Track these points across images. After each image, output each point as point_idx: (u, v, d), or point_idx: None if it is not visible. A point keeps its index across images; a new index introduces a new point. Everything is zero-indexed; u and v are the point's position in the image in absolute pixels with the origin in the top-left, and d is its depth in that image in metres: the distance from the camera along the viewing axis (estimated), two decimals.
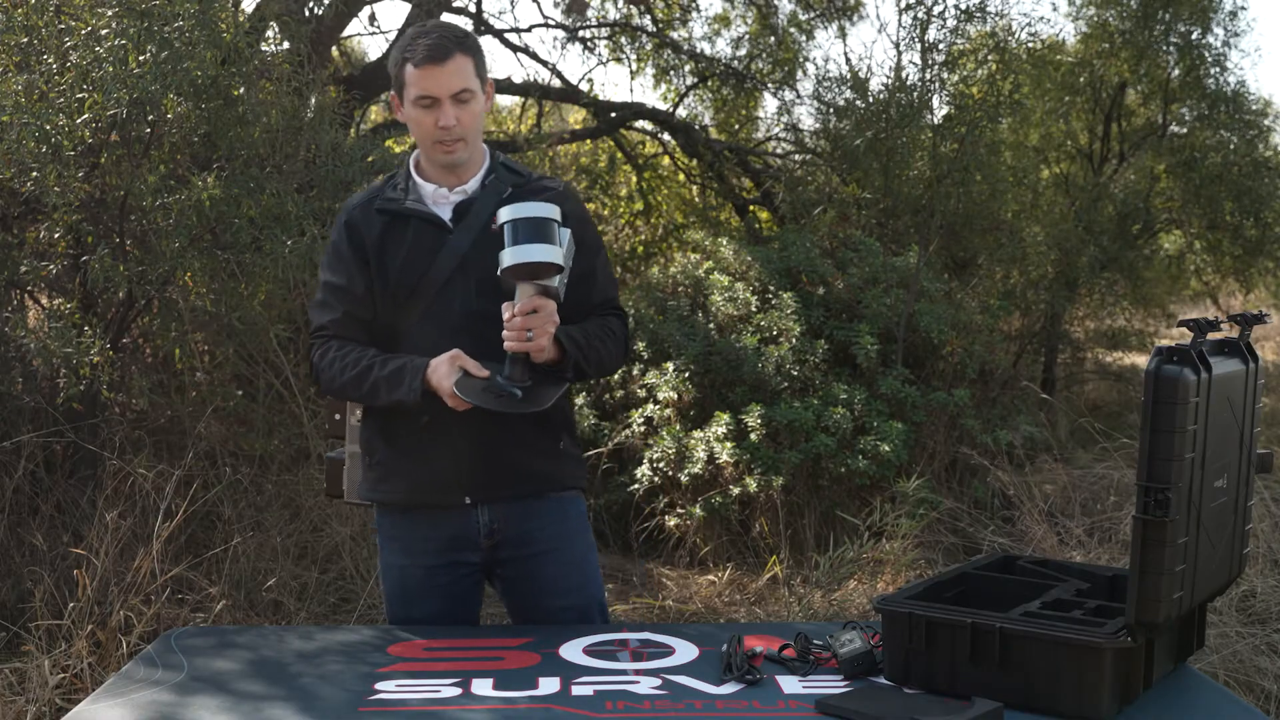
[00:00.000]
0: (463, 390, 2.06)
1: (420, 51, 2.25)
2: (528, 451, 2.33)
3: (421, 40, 2.27)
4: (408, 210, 2.34)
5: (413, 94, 2.27)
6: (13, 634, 3.84)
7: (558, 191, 2.39)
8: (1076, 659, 1.79)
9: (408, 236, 2.33)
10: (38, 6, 4.13)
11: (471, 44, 2.30)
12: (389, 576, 2.43)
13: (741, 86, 9.87)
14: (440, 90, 2.25)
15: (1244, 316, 1.95)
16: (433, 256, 2.31)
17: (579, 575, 2.42)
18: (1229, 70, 8.98)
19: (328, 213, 5.03)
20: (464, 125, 2.28)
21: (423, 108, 2.27)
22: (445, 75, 2.24)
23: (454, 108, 2.26)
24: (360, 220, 2.37)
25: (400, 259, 2.32)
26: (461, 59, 2.26)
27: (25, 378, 4.54)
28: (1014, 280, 8.25)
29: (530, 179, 2.41)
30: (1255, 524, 4.66)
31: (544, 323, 2.15)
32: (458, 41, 2.27)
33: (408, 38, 2.31)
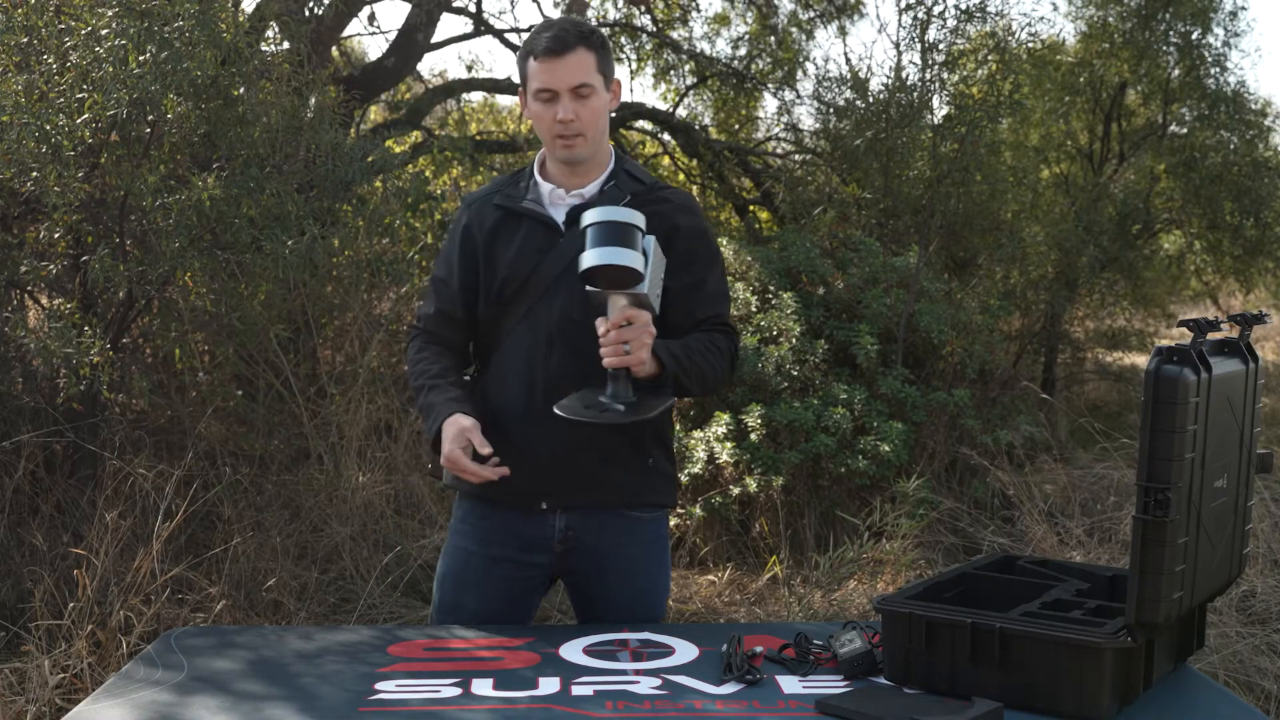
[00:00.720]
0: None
1: (542, 44, 2.22)
2: (611, 464, 2.29)
3: (544, 33, 2.24)
4: (523, 209, 2.31)
5: (533, 87, 2.24)
6: (13, 634, 3.84)
7: (674, 204, 2.34)
8: (1076, 659, 1.79)
9: (519, 235, 2.30)
10: (38, 6, 4.13)
11: (596, 39, 2.26)
12: (452, 558, 2.40)
13: (741, 86, 9.87)
14: (559, 83, 2.21)
15: (1244, 316, 1.95)
16: (540, 258, 2.28)
17: (646, 601, 2.40)
18: (1229, 70, 8.98)
19: (327, 213, 5.04)
20: (583, 120, 2.24)
21: (543, 101, 2.24)
22: (565, 68, 2.20)
23: (573, 101, 2.22)
24: (476, 214, 2.35)
25: (509, 257, 2.30)
26: (583, 52, 2.22)
27: (25, 378, 4.54)
28: (1014, 280, 8.25)
29: (652, 187, 2.35)
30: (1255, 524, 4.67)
31: (639, 334, 2.09)
32: (580, 35, 2.23)
33: (532, 32, 2.29)
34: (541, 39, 2.23)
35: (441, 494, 5.14)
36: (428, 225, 6.48)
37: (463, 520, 2.43)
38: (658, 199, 2.33)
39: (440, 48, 9.59)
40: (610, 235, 2.01)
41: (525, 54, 2.27)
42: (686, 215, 2.34)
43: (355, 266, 5.39)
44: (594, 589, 2.39)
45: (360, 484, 4.86)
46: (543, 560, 2.34)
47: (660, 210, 2.30)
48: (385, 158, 5.59)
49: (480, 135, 9.39)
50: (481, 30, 8.94)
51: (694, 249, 2.32)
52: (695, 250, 2.32)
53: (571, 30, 2.24)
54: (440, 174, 7.43)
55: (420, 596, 4.57)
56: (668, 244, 2.26)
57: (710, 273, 2.36)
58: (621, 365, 2.08)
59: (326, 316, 5.57)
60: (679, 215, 2.32)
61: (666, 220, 2.29)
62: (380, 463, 5.04)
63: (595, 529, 2.33)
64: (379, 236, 5.65)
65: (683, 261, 2.29)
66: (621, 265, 1.99)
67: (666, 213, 2.31)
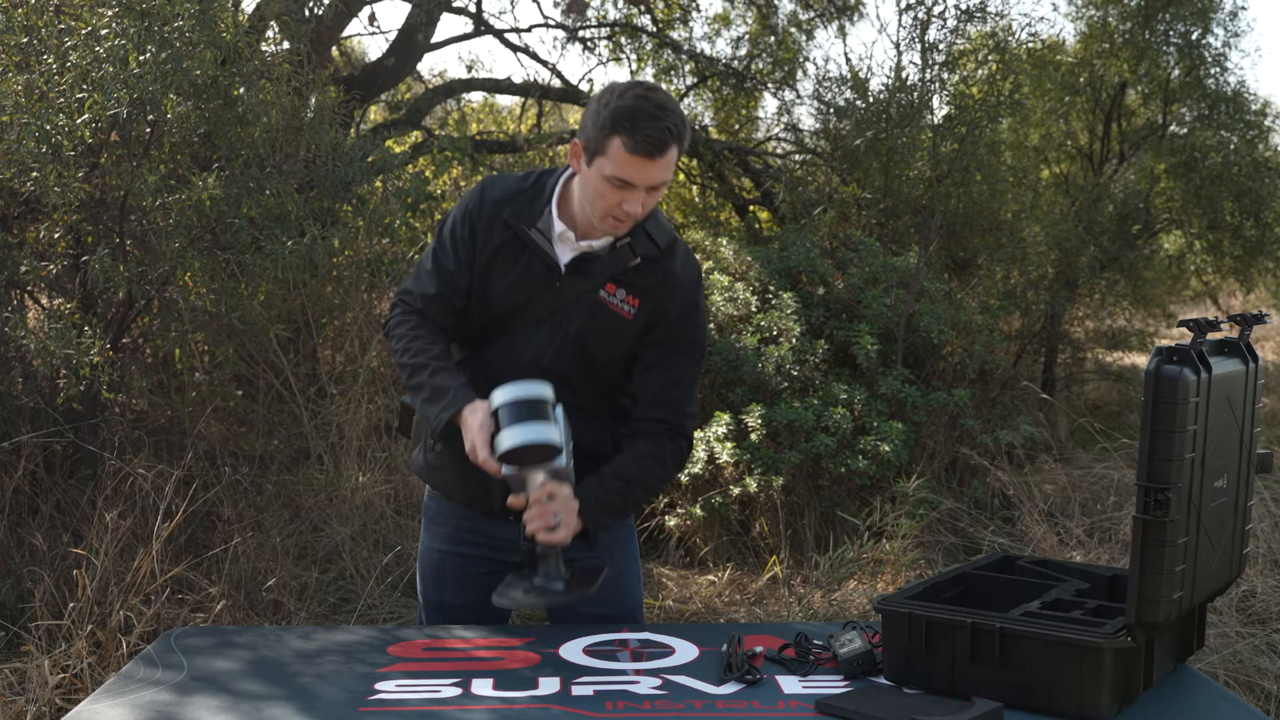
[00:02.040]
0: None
1: (639, 138, 2.03)
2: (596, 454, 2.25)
3: (645, 124, 2.03)
4: (529, 238, 2.20)
5: (609, 171, 2.07)
6: (13, 634, 3.84)
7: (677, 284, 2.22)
8: (1076, 659, 1.79)
9: (518, 265, 2.21)
10: (38, 6, 4.13)
11: (685, 131, 2.10)
12: (426, 559, 2.41)
13: (741, 86, 9.87)
14: (643, 180, 2.07)
15: (1244, 316, 1.95)
16: (533, 297, 2.21)
17: (619, 585, 2.37)
18: (1229, 70, 8.98)
19: (327, 213, 5.04)
20: (647, 210, 2.13)
21: (614, 186, 2.08)
22: (655, 168, 2.06)
23: (646, 196, 2.10)
24: (488, 218, 2.23)
25: (501, 287, 2.22)
26: (674, 151, 2.07)
27: (25, 378, 4.54)
28: (1014, 280, 8.25)
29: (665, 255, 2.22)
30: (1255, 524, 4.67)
31: (564, 509, 2.04)
32: (676, 132, 2.06)
33: (625, 106, 2.06)
34: (640, 130, 2.04)
35: None
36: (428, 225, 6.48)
37: (433, 521, 2.42)
38: (664, 272, 2.22)
39: (440, 48, 9.59)
40: (524, 413, 1.96)
41: (610, 128, 2.06)
42: (688, 298, 2.25)
43: (355, 266, 5.39)
44: None
45: (360, 484, 4.86)
46: (515, 558, 2.31)
47: (661, 287, 2.22)
48: (385, 158, 5.59)
49: (480, 135, 9.39)
50: (481, 30, 8.94)
51: (679, 334, 2.24)
52: (679, 334, 2.24)
53: (671, 126, 2.06)
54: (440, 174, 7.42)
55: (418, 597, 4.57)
56: (651, 323, 2.21)
57: (684, 361, 2.26)
58: (552, 543, 2.02)
59: (326, 316, 5.57)
60: (681, 297, 2.23)
61: (664, 300, 2.22)
62: (380, 463, 5.04)
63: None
64: (379, 236, 5.65)
65: (658, 341, 2.23)
66: (540, 443, 1.95)
67: (668, 293, 2.22)
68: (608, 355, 2.24)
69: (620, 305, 2.21)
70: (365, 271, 5.41)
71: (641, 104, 2.05)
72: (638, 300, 2.21)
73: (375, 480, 4.92)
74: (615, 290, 2.21)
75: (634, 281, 2.21)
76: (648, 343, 2.24)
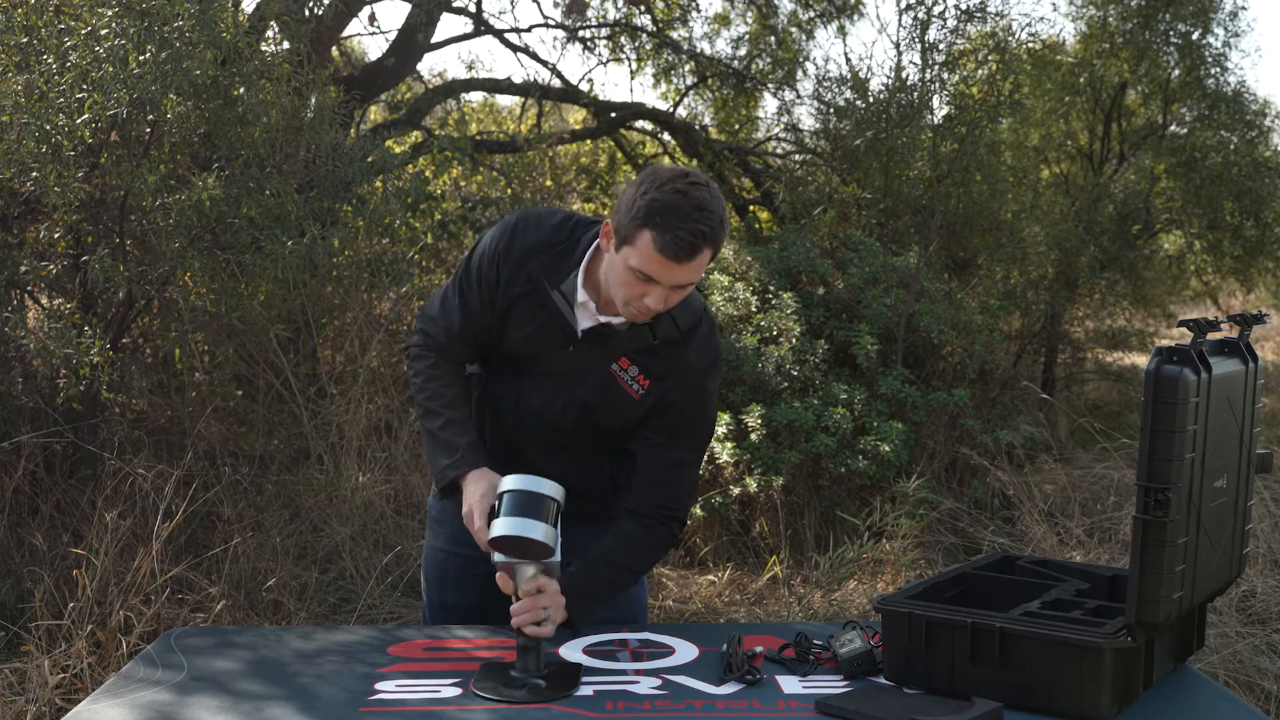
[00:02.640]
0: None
1: (669, 239, 1.95)
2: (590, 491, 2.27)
3: (680, 225, 1.95)
4: (550, 299, 2.16)
5: (634, 262, 1.99)
6: (13, 634, 3.84)
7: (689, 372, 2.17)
8: (1076, 659, 1.79)
9: (536, 319, 2.17)
10: (38, 6, 4.13)
11: (722, 234, 2.00)
12: (431, 559, 2.42)
13: (741, 86, 9.87)
14: (668, 280, 2.00)
15: (1244, 316, 1.95)
16: (546, 355, 2.19)
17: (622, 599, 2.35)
18: (1229, 70, 8.97)
19: (327, 213, 5.04)
20: (668, 306, 2.06)
21: (638, 279, 2.01)
22: (683, 271, 1.99)
23: (670, 293, 2.03)
24: (511, 266, 2.17)
25: (517, 338, 2.20)
26: (706, 254, 1.99)
27: (25, 378, 4.54)
28: (1014, 280, 8.25)
29: (684, 339, 2.17)
30: (1255, 524, 4.67)
31: (551, 604, 2.03)
32: (710, 235, 1.97)
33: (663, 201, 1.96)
34: (673, 230, 1.95)
35: None
36: (428, 225, 6.49)
37: (438, 521, 2.42)
38: (679, 359, 2.17)
39: (440, 48, 9.59)
40: (526, 507, 1.96)
41: (643, 221, 1.97)
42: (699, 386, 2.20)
43: (355, 266, 5.39)
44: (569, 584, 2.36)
45: (360, 484, 4.86)
46: None
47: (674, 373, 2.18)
48: (385, 158, 5.59)
49: (480, 135, 9.38)
50: (481, 30, 8.94)
51: (680, 420, 2.20)
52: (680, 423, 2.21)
53: (705, 228, 1.96)
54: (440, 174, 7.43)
55: (420, 596, 4.57)
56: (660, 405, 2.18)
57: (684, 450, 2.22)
58: (537, 637, 1.99)
59: (326, 316, 5.57)
60: (681, 388, 2.18)
61: (674, 388, 2.18)
62: (380, 463, 5.04)
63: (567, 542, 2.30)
64: (379, 236, 5.65)
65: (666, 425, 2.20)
66: (534, 541, 1.95)
67: (674, 380, 2.18)
68: (610, 423, 2.23)
69: (630, 383, 2.18)
70: (365, 271, 5.41)
71: (679, 201, 1.96)
72: (649, 381, 2.17)
73: (375, 480, 4.92)
74: (628, 366, 2.17)
75: (648, 362, 2.17)
76: (654, 424, 2.20)
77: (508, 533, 1.94)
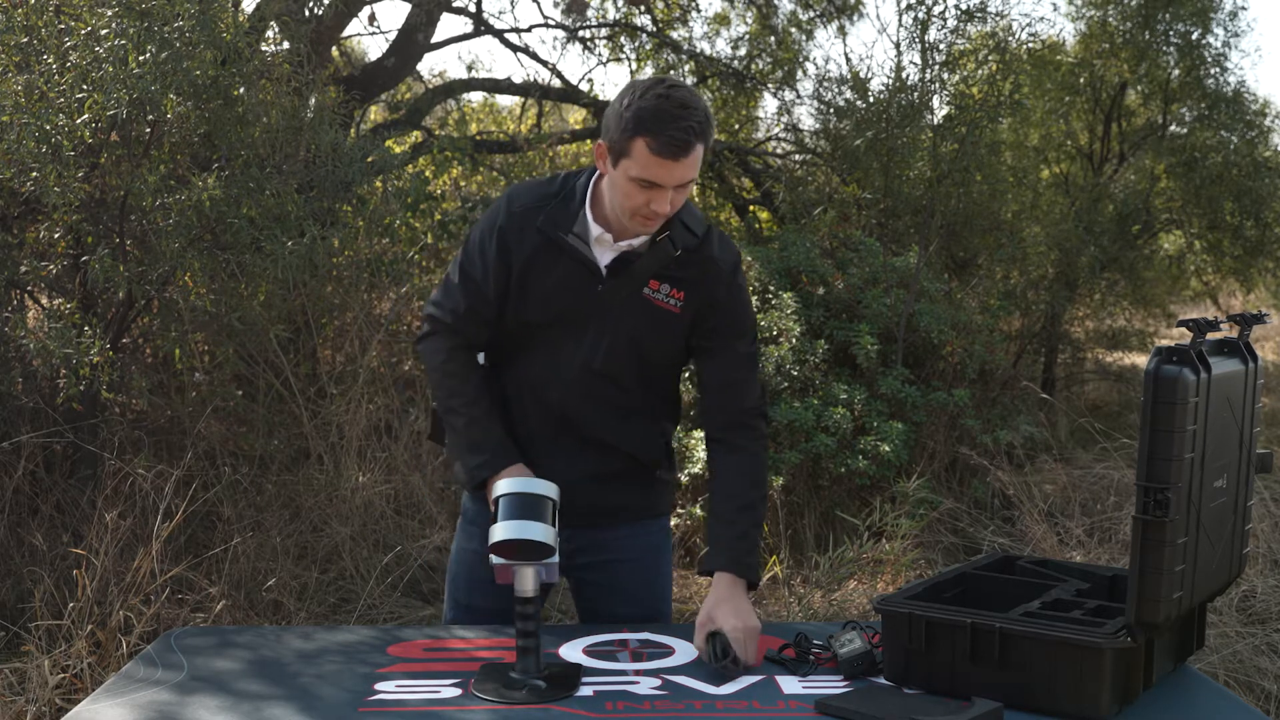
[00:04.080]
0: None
1: (662, 140, 2.01)
2: (624, 484, 2.30)
3: (669, 125, 2.01)
4: (566, 243, 2.18)
5: (634, 172, 2.05)
6: (13, 634, 3.84)
7: (719, 269, 2.22)
8: (1076, 659, 1.79)
9: (557, 271, 2.19)
10: (38, 6, 4.13)
11: (710, 128, 2.08)
12: (460, 560, 2.40)
13: (741, 86, 9.87)
14: (669, 181, 2.06)
15: (1244, 316, 1.95)
16: (576, 301, 2.19)
17: (651, 588, 2.41)
18: (1229, 70, 8.97)
19: (327, 213, 5.03)
20: (675, 208, 2.12)
21: (640, 187, 2.07)
22: (680, 168, 2.04)
23: (674, 194, 2.09)
24: (516, 228, 2.20)
25: (542, 293, 2.20)
26: (699, 148, 2.06)
27: (25, 378, 4.54)
28: (1014, 280, 8.25)
29: (703, 243, 2.21)
30: (1255, 524, 4.67)
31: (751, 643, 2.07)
32: (699, 130, 2.04)
33: (648, 107, 2.03)
34: (665, 131, 2.01)
35: (441, 494, 5.14)
36: (428, 225, 6.48)
37: (471, 523, 2.41)
38: (704, 259, 2.21)
39: (440, 48, 9.59)
40: (521, 508, 1.96)
41: (633, 130, 2.03)
42: (733, 282, 2.24)
43: (355, 266, 5.39)
44: (603, 577, 2.39)
45: (360, 484, 4.86)
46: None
47: (704, 277, 2.21)
48: (385, 158, 5.58)
49: (480, 135, 9.39)
50: (481, 30, 8.94)
51: (731, 320, 2.24)
52: (732, 321, 2.25)
53: (695, 124, 2.03)
54: (440, 174, 7.43)
55: (420, 596, 4.57)
56: (701, 313, 2.22)
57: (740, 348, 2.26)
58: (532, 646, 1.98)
59: (326, 316, 5.57)
60: (718, 289, 2.22)
61: (708, 289, 2.22)
62: (380, 463, 5.04)
63: (602, 538, 2.34)
64: (379, 236, 5.65)
65: (713, 329, 2.24)
66: (534, 542, 1.95)
67: (711, 281, 2.22)
68: (660, 352, 2.25)
69: (666, 300, 2.21)
70: (365, 271, 5.41)
71: (664, 104, 2.03)
72: (683, 293, 2.21)
73: (375, 480, 4.92)
74: (659, 287, 2.20)
75: (677, 274, 2.20)
76: (703, 331, 2.24)
77: (507, 536, 1.94)
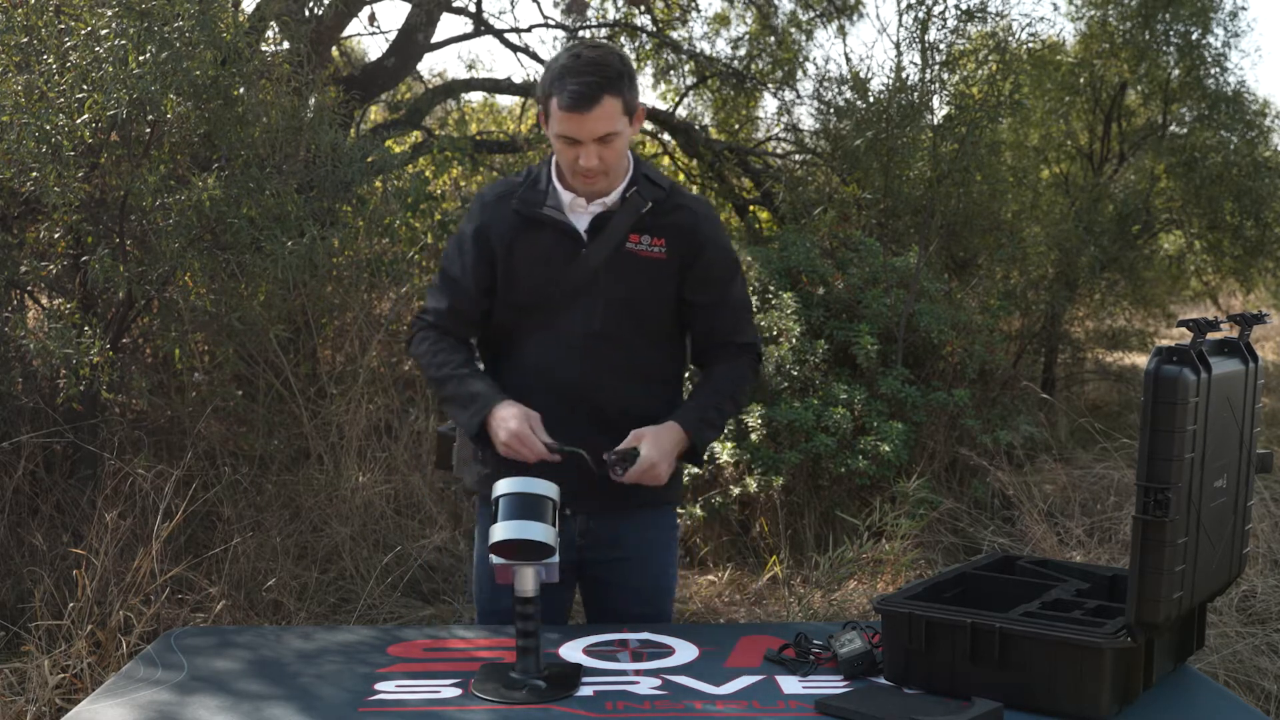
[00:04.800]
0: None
1: (566, 95, 2.12)
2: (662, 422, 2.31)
3: (570, 80, 2.12)
4: (543, 216, 2.27)
5: (555, 130, 2.18)
6: (13, 634, 3.84)
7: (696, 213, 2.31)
8: (1076, 659, 1.79)
9: (541, 244, 2.27)
10: (38, 6, 4.13)
11: (622, 82, 2.16)
12: (482, 565, 2.42)
13: (741, 86, 9.87)
14: (584, 134, 2.15)
15: (1244, 316, 1.95)
16: (564, 269, 2.26)
17: (657, 586, 2.44)
18: (1229, 70, 8.97)
19: (327, 213, 5.03)
20: (606, 162, 2.20)
21: (565, 144, 2.18)
22: (590, 121, 2.13)
23: (597, 148, 2.17)
24: (492, 216, 2.31)
25: (529, 266, 2.28)
26: (609, 101, 2.14)
27: (25, 378, 4.54)
28: (1014, 280, 8.25)
29: (671, 193, 2.31)
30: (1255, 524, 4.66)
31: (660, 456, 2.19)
32: (607, 83, 2.13)
33: (559, 65, 2.16)
34: (566, 87, 2.12)
35: (442, 494, 5.14)
36: (428, 225, 6.48)
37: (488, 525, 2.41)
38: (676, 206, 2.31)
39: (440, 48, 9.58)
40: (522, 508, 1.96)
41: (547, 94, 2.17)
42: (709, 225, 2.33)
43: (355, 266, 5.39)
44: (610, 574, 2.41)
45: (360, 484, 4.86)
46: (570, 557, 2.33)
47: (681, 222, 2.29)
48: (385, 158, 5.58)
49: (480, 135, 9.39)
50: (481, 30, 8.94)
51: (715, 262, 2.31)
52: (716, 264, 2.32)
53: (599, 78, 2.12)
54: (440, 174, 7.42)
55: (420, 596, 4.57)
56: (691, 259, 2.28)
57: (731, 288, 2.36)
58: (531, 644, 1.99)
59: (326, 316, 5.57)
60: (702, 225, 2.30)
61: (688, 233, 2.29)
62: (380, 463, 5.04)
63: (614, 526, 2.36)
64: (379, 236, 5.65)
65: (704, 277, 2.30)
66: (535, 542, 1.95)
67: (689, 224, 2.29)
68: (656, 304, 2.30)
69: (650, 249, 2.27)
70: (365, 271, 5.41)
71: (573, 62, 2.14)
72: (663, 239, 2.27)
73: (375, 480, 4.92)
74: (640, 238, 2.27)
75: (654, 223, 2.28)
76: (693, 282, 2.30)
77: (507, 536, 1.94)
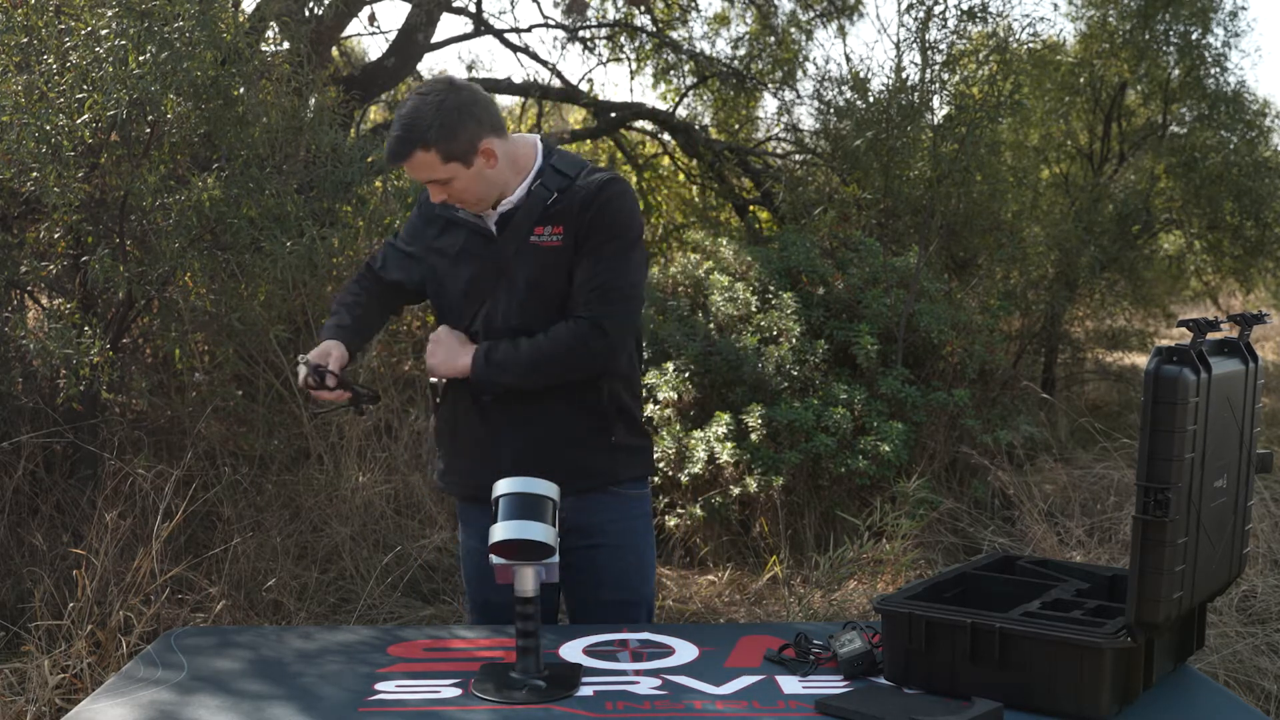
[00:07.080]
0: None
1: (386, 148, 2.26)
2: (580, 447, 2.36)
3: (389, 133, 2.24)
4: (458, 218, 2.40)
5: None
6: (13, 634, 3.84)
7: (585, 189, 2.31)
8: (1076, 659, 1.79)
9: (458, 243, 2.40)
10: (38, 6, 4.13)
11: (431, 134, 2.18)
12: (468, 559, 2.49)
13: (741, 86, 9.87)
14: (416, 178, 2.29)
15: (1244, 316, 1.95)
16: (478, 265, 2.37)
17: (634, 572, 2.46)
18: (1229, 70, 8.97)
19: (327, 213, 5.03)
20: (455, 197, 2.31)
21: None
22: (412, 170, 2.25)
23: (437, 188, 2.29)
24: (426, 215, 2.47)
25: (449, 265, 2.41)
26: (420, 155, 2.21)
27: (25, 378, 4.54)
28: (1014, 280, 8.25)
29: (578, 176, 2.34)
30: (1255, 524, 4.67)
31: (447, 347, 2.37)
32: (415, 138, 2.19)
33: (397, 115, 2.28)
34: (388, 141, 2.25)
35: (442, 494, 5.14)
36: None
37: (465, 522, 2.52)
38: (572, 190, 2.32)
39: (440, 48, 9.59)
40: (522, 508, 1.96)
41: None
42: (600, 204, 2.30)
43: (355, 266, 5.39)
44: (586, 561, 2.40)
45: (360, 484, 4.86)
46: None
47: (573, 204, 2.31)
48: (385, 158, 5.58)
49: None
50: (481, 30, 8.94)
51: (591, 239, 2.31)
52: (591, 240, 2.30)
53: (404, 134, 2.20)
54: None
55: (420, 596, 4.57)
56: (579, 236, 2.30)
57: (598, 265, 2.30)
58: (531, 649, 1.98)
59: (326, 316, 5.56)
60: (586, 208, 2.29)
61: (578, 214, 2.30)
62: (380, 463, 5.04)
63: (582, 509, 2.37)
64: (379, 236, 5.65)
65: (586, 237, 2.31)
66: (535, 542, 1.94)
67: (578, 205, 2.30)
68: (559, 294, 2.32)
69: (551, 239, 2.33)
70: None
71: (396, 115, 2.25)
72: (561, 226, 2.32)
73: (375, 480, 4.92)
74: (543, 230, 2.33)
75: (554, 215, 2.33)
76: (582, 251, 2.32)
77: (507, 536, 1.94)
